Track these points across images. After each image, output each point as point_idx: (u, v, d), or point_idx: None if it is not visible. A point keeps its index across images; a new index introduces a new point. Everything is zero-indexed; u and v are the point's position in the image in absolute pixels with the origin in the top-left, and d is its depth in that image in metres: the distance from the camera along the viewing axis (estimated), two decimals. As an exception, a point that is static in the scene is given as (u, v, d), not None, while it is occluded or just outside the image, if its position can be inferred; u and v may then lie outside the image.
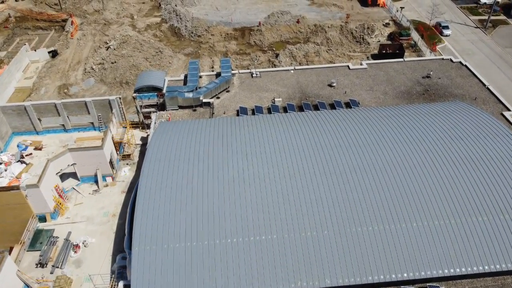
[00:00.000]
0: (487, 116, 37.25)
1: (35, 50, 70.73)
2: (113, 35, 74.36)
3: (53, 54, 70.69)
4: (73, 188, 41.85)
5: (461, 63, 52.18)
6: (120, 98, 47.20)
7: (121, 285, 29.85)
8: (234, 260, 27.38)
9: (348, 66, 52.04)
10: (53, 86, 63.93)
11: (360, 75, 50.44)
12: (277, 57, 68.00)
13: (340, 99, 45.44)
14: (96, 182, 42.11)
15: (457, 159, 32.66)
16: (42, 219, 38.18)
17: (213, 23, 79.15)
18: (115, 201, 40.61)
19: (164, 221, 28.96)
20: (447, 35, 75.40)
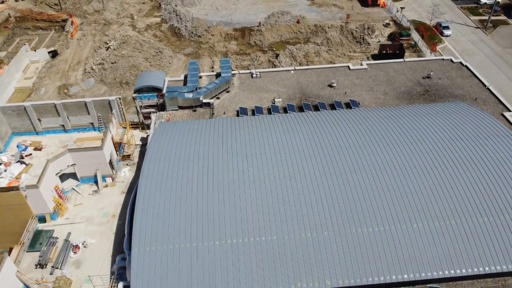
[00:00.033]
0: (487, 117, 37.20)
1: (35, 50, 70.73)
2: (113, 35, 74.34)
3: (53, 54, 70.69)
4: (73, 188, 41.80)
5: (461, 63, 52.11)
6: (120, 98, 47.16)
7: (120, 286, 29.82)
8: (234, 261, 27.36)
9: (348, 66, 51.97)
10: (53, 86, 63.92)
11: (360, 75, 50.37)
12: (277, 57, 67.94)
13: (340, 100, 45.40)
14: (96, 182, 42.07)
15: (457, 159, 32.62)
16: (41, 219, 38.14)
17: (213, 23, 79.12)
18: (115, 201, 40.57)
19: (163, 222, 28.92)
20: (447, 35, 75.35)
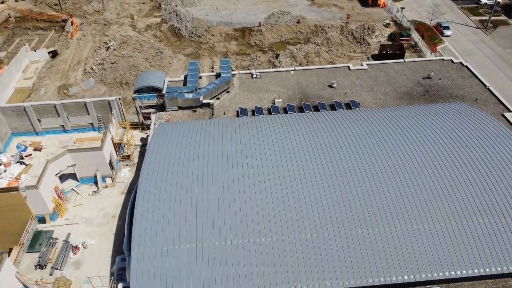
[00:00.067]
0: (488, 117, 37.11)
1: (35, 51, 70.70)
2: (113, 36, 74.29)
3: (53, 55, 70.65)
4: (73, 189, 41.74)
5: (461, 64, 52.02)
6: (119, 98, 47.10)
7: (120, 287, 29.76)
8: (234, 262, 27.27)
9: (349, 67, 51.89)
10: (53, 87, 63.86)
11: (361, 75, 50.29)
12: (277, 58, 67.87)
13: (341, 100, 45.32)
14: (96, 183, 42.00)
15: (458, 160, 32.53)
16: (41, 220, 38.08)
17: (213, 23, 79.07)
18: (114, 202, 40.50)
19: (163, 223, 28.84)
20: (447, 36, 75.29)
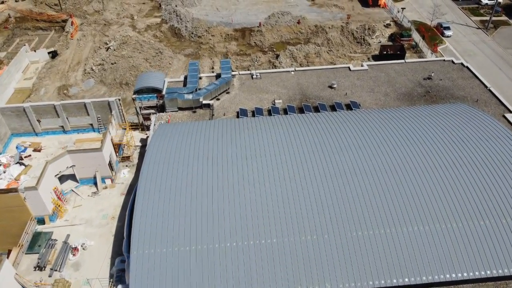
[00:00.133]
0: (489, 118, 36.97)
1: (35, 51, 70.67)
2: (113, 36, 74.22)
3: (53, 55, 70.59)
4: (72, 190, 41.64)
5: (462, 64, 51.87)
6: (119, 99, 46.98)
7: (119, 288, 29.67)
8: (234, 264, 27.15)
9: (349, 67, 51.75)
10: (53, 87, 63.79)
11: (361, 76, 50.15)
12: (278, 58, 67.76)
13: (341, 101, 45.18)
14: (95, 184, 41.90)
15: (458, 161, 32.37)
16: (40, 221, 37.98)
17: (214, 23, 78.97)
18: (114, 203, 40.40)
19: (163, 225, 28.71)
20: (448, 36, 75.16)
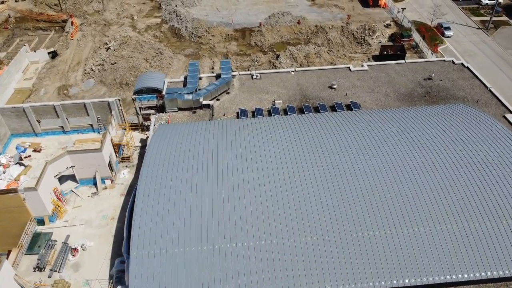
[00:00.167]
0: (489, 119, 36.89)
1: (35, 51, 70.64)
2: (113, 36, 74.17)
3: (53, 55, 70.55)
4: (72, 190, 41.58)
5: (463, 64, 51.78)
6: (119, 99, 46.95)
7: (119, 289, 29.61)
8: (234, 265, 27.08)
9: (349, 67, 51.68)
10: (53, 87, 63.74)
11: (361, 76, 50.06)
12: (278, 58, 67.68)
13: (341, 101, 45.10)
14: (95, 184, 41.84)
15: (459, 162, 32.29)
16: (40, 222, 37.91)
17: (214, 24, 78.91)
18: (114, 204, 40.33)
19: (162, 226, 28.64)
20: (448, 36, 75.08)
